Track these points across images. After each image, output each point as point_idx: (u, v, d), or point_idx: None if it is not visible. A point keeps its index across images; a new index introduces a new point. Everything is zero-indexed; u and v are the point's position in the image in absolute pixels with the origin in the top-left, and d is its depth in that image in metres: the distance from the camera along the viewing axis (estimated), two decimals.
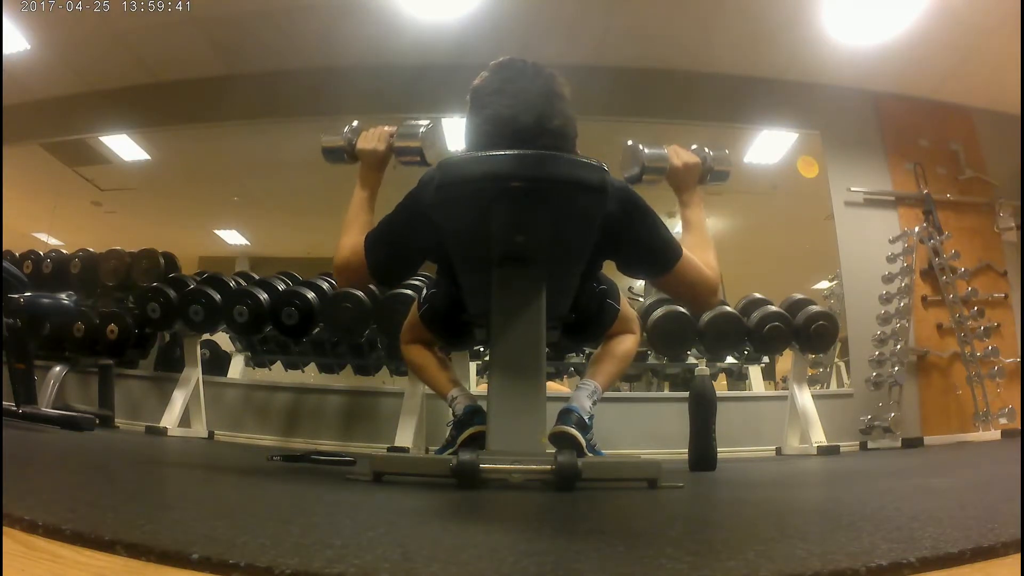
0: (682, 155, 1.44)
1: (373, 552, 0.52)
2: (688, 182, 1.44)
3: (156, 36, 3.71)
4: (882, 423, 3.11)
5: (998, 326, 3.55)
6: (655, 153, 1.44)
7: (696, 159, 1.45)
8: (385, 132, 1.48)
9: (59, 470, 1.15)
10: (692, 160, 1.44)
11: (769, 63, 3.88)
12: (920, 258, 3.57)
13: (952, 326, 3.46)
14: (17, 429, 1.96)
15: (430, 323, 1.66)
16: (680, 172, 1.43)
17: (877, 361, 3.34)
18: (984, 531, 0.62)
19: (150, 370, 3.35)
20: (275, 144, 4.46)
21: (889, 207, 3.87)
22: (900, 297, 3.43)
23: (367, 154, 1.47)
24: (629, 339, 1.68)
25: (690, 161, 1.44)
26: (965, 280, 3.55)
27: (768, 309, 2.86)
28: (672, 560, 0.51)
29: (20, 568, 0.47)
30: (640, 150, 1.45)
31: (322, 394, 3.29)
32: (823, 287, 4.07)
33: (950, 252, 3.52)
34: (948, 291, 3.47)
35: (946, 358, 3.55)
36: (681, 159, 1.43)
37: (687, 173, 1.44)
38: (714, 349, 2.96)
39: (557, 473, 1.08)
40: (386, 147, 1.46)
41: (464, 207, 1.23)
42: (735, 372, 3.64)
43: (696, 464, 1.83)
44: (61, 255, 3.43)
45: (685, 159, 1.44)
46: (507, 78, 1.25)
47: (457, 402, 1.58)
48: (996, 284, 3.76)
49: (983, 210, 3.90)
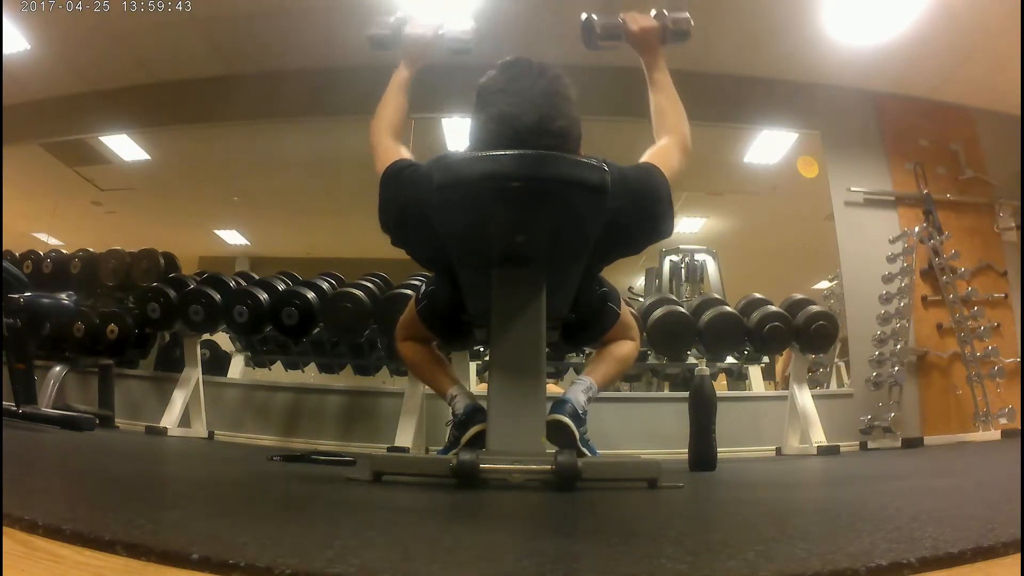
0: (639, 20, 1.51)
1: (373, 552, 0.52)
2: (650, 44, 1.51)
3: (156, 36, 3.71)
4: (882, 423, 3.11)
5: (998, 326, 3.56)
6: (608, 20, 1.53)
7: (654, 22, 1.51)
8: (434, 22, 1.56)
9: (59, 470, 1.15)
10: (649, 23, 1.51)
11: (769, 63, 3.88)
12: (920, 258, 3.57)
13: (952, 326, 3.46)
14: (17, 429, 1.96)
15: (429, 321, 1.65)
16: (638, 36, 1.50)
17: (877, 361, 3.34)
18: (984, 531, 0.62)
19: (150, 370, 3.35)
20: (275, 144, 4.46)
21: (889, 207, 3.87)
22: (900, 297, 3.43)
23: (415, 38, 1.54)
24: (628, 345, 1.69)
25: (647, 24, 1.50)
26: (965, 280, 3.55)
27: (768, 309, 2.86)
28: (672, 560, 0.51)
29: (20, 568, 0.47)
30: (594, 20, 1.54)
31: (322, 394, 3.29)
32: (823, 287, 4.07)
33: (950, 252, 3.52)
34: (948, 291, 3.47)
35: (946, 358, 3.56)
36: (638, 23, 1.50)
37: (646, 35, 1.50)
38: (714, 349, 2.96)
39: (557, 473, 1.08)
40: (433, 33, 1.54)
41: (464, 207, 1.23)
42: (735, 372, 3.64)
43: (696, 464, 1.82)
44: (61, 255, 3.43)
45: (642, 23, 1.50)
46: (512, 77, 1.26)
47: (457, 401, 1.57)
48: (996, 284, 3.76)
49: (983, 210, 3.90)
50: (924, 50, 3.60)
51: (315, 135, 4.32)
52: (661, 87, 1.49)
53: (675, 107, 1.46)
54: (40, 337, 2.63)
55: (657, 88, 1.49)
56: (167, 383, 2.97)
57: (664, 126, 1.44)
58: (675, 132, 1.42)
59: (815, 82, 3.97)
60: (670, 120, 1.44)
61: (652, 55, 1.51)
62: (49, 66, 3.94)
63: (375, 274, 3.08)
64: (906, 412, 3.28)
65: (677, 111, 1.46)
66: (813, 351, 2.95)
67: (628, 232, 1.31)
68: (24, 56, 3.77)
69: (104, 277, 3.31)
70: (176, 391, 2.80)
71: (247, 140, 4.47)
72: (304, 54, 3.93)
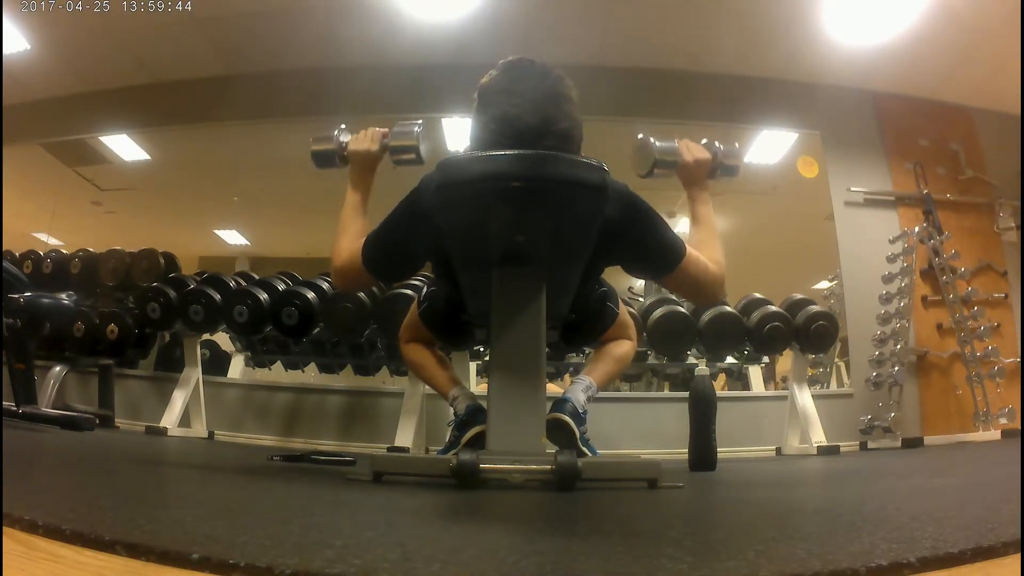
0: (693, 150, 1.44)
1: (373, 552, 0.52)
2: (698, 177, 1.45)
3: (156, 36, 3.71)
4: (882, 423, 3.11)
5: (998, 326, 3.55)
6: (666, 147, 1.45)
7: (707, 154, 1.45)
8: (378, 132, 1.48)
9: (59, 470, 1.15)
10: (703, 155, 1.44)
11: (769, 63, 3.88)
12: (920, 258, 3.57)
13: (952, 326, 3.46)
14: (17, 429, 1.96)
15: (430, 322, 1.66)
16: (691, 167, 1.44)
17: (877, 361, 3.34)
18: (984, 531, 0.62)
19: (150, 370, 3.35)
20: (275, 144, 4.45)
21: (889, 207, 3.87)
22: (900, 297, 3.43)
23: (359, 155, 1.47)
24: (626, 344, 1.69)
25: (701, 156, 1.44)
26: (965, 280, 3.55)
27: (768, 309, 2.86)
28: (672, 560, 0.51)
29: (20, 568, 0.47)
30: (652, 144, 1.45)
31: (322, 394, 3.29)
32: (823, 287, 4.06)
33: (950, 252, 3.52)
34: (948, 291, 3.47)
35: (946, 358, 3.55)
36: (692, 154, 1.44)
37: (697, 168, 1.44)
38: (714, 349, 2.96)
39: (557, 473, 1.08)
40: (379, 147, 1.46)
41: (464, 207, 1.23)
42: (735, 372, 3.64)
43: (696, 464, 1.83)
44: (61, 255, 3.43)
45: (696, 154, 1.44)
46: (515, 78, 1.25)
47: (458, 401, 1.58)
48: (996, 284, 3.76)
49: (983, 210, 3.90)
50: (924, 50, 3.60)
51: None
52: (703, 222, 1.42)
53: (715, 244, 1.38)
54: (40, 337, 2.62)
55: (699, 223, 1.42)
56: (167, 383, 2.97)
57: None
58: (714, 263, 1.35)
59: (815, 82, 3.97)
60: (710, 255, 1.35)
61: (699, 188, 1.45)
62: (49, 66, 3.94)
63: None
64: (906, 412, 3.28)
65: (717, 248, 1.37)
66: (813, 351, 2.95)
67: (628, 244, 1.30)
68: (24, 56, 3.78)
69: (104, 277, 3.31)
70: (176, 391, 2.80)
71: (247, 140, 4.47)
72: (304, 54, 3.93)
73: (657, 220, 1.28)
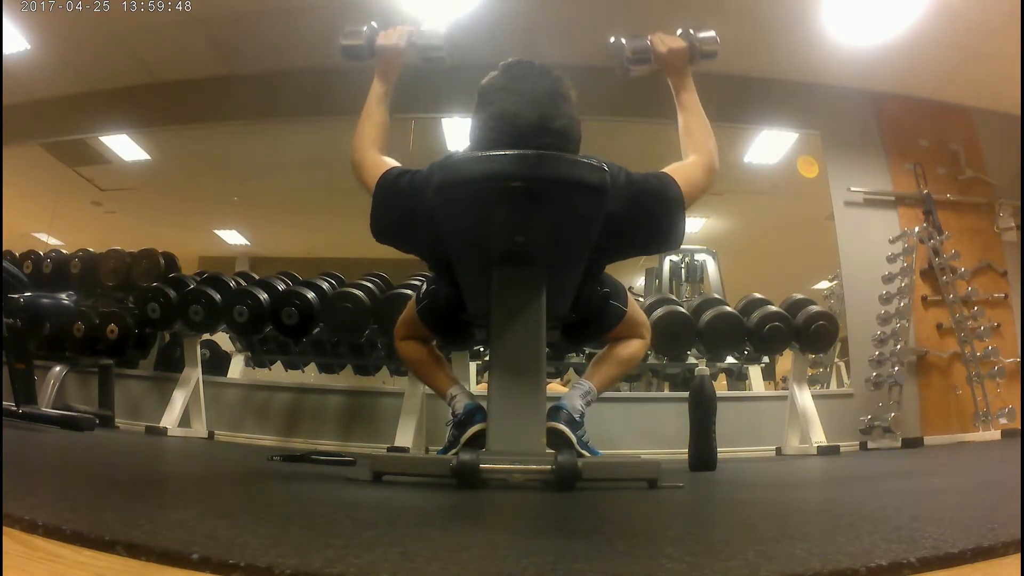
0: (667, 41, 1.49)
1: (373, 552, 0.52)
2: (677, 66, 1.50)
3: (156, 36, 3.71)
4: (882, 423, 3.11)
5: (998, 326, 3.55)
6: (638, 44, 1.50)
7: (682, 43, 1.49)
8: (406, 30, 1.53)
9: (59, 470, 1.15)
10: (678, 45, 1.49)
11: (769, 63, 3.87)
12: (920, 258, 3.57)
13: (952, 326, 3.46)
14: (17, 429, 1.96)
15: (428, 321, 1.65)
16: (667, 57, 1.49)
17: (877, 361, 3.34)
18: (984, 531, 0.62)
19: (150, 370, 3.35)
20: (275, 144, 4.46)
21: (889, 207, 3.87)
22: (900, 297, 3.43)
23: (387, 50, 1.52)
24: (636, 344, 1.66)
25: (675, 46, 1.49)
26: (965, 280, 3.55)
27: (768, 309, 2.86)
28: (672, 560, 0.51)
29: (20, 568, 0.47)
30: (622, 44, 1.50)
31: (322, 394, 3.29)
32: (823, 287, 4.06)
33: (950, 252, 3.52)
34: (948, 291, 3.47)
35: (946, 358, 3.55)
36: (666, 45, 1.49)
37: (674, 57, 1.49)
38: (714, 349, 2.96)
39: (557, 473, 1.08)
40: (407, 44, 1.51)
41: (464, 207, 1.23)
42: (735, 372, 3.64)
43: (696, 464, 1.83)
44: (61, 255, 3.43)
45: (670, 44, 1.49)
46: (514, 77, 1.27)
47: (457, 400, 1.57)
48: (996, 284, 3.76)
49: (983, 210, 3.90)
50: (924, 50, 3.60)
51: (315, 135, 4.31)
52: (689, 108, 1.48)
53: (703, 127, 1.45)
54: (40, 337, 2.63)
55: (685, 109, 1.48)
56: (167, 383, 2.97)
57: (692, 145, 1.44)
58: (702, 152, 1.42)
59: (815, 82, 3.97)
60: (698, 140, 1.43)
61: (680, 76, 1.50)
62: (49, 66, 3.94)
63: (375, 274, 3.09)
64: (906, 412, 3.28)
65: (705, 131, 1.44)
66: (813, 351, 2.95)
67: (629, 235, 1.30)
68: (24, 56, 3.77)
69: (104, 277, 3.30)
70: (176, 391, 2.80)
71: (247, 140, 4.47)
72: (304, 54, 3.92)
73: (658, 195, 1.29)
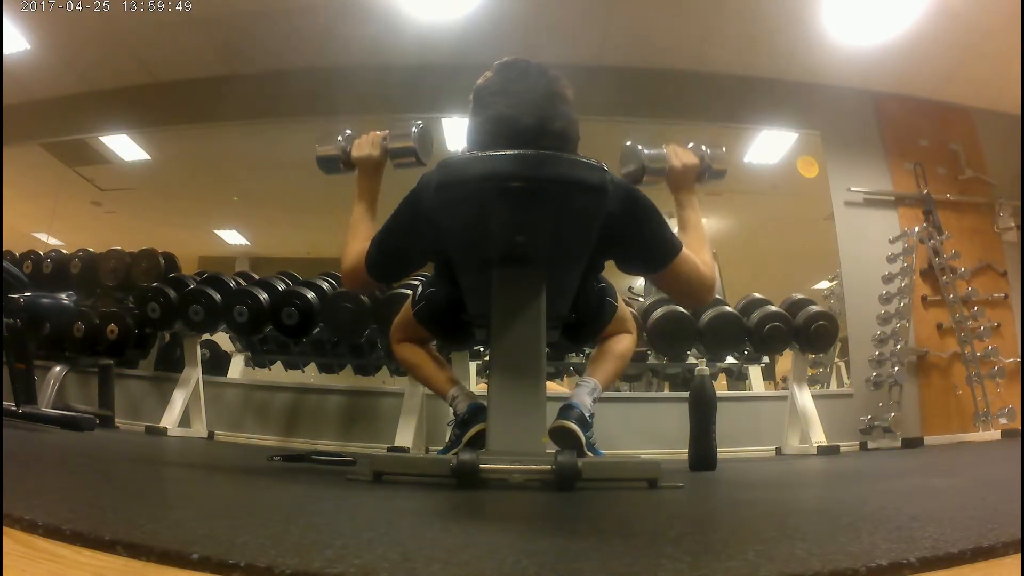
0: (681, 155, 1.44)
1: (373, 552, 0.52)
2: (686, 182, 1.45)
3: (156, 36, 3.71)
4: (882, 423, 3.11)
5: (998, 326, 3.55)
6: (654, 154, 1.44)
7: (695, 159, 1.44)
8: (378, 137, 1.48)
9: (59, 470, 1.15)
10: (691, 160, 1.44)
11: (769, 63, 3.87)
12: (920, 258, 3.57)
13: (952, 326, 3.46)
14: (17, 429, 1.96)
15: (427, 321, 1.64)
16: (679, 172, 1.43)
17: (877, 361, 3.34)
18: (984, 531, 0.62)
19: (150, 370, 3.35)
20: (275, 144, 4.45)
21: (889, 207, 3.87)
22: (900, 297, 3.43)
23: (363, 161, 1.48)
24: (627, 338, 1.67)
25: (689, 162, 1.44)
26: (965, 280, 3.55)
27: (768, 309, 2.86)
28: (672, 560, 0.51)
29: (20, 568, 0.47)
30: (640, 151, 1.44)
31: (322, 394, 3.29)
32: (823, 287, 4.06)
33: (950, 252, 3.52)
34: (948, 291, 3.47)
35: (946, 358, 3.55)
36: (680, 159, 1.43)
37: (685, 173, 1.44)
38: (714, 349, 2.96)
39: (557, 473, 1.08)
40: (381, 151, 1.47)
41: (464, 207, 1.23)
42: (735, 372, 3.64)
43: (696, 464, 1.83)
44: (61, 255, 3.43)
45: (684, 159, 1.43)
46: (510, 78, 1.26)
47: (458, 401, 1.57)
48: (996, 284, 3.76)
49: (983, 210, 3.90)
50: (924, 50, 3.60)
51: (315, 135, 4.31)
52: (691, 227, 1.42)
53: (703, 248, 1.37)
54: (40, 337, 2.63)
55: (688, 229, 1.42)
56: (167, 383, 2.97)
57: None
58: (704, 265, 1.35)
59: (815, 82, 3.97)
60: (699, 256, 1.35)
61: (687, 192, 1.45)
62: (49, 66, 3.94)
63: None
64: (906, 412, 3.28)
65: (706, 250, 1.37)
66: (813, 351, 2.95)
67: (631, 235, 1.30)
68: (24, 56, 3.77)
69: (104, 277, 3.30)
70: (176, 391, 2.80)
71: (247, 140, 4.46)
72: (304, 54, 3.93)
73: (656, 216, 1.28)
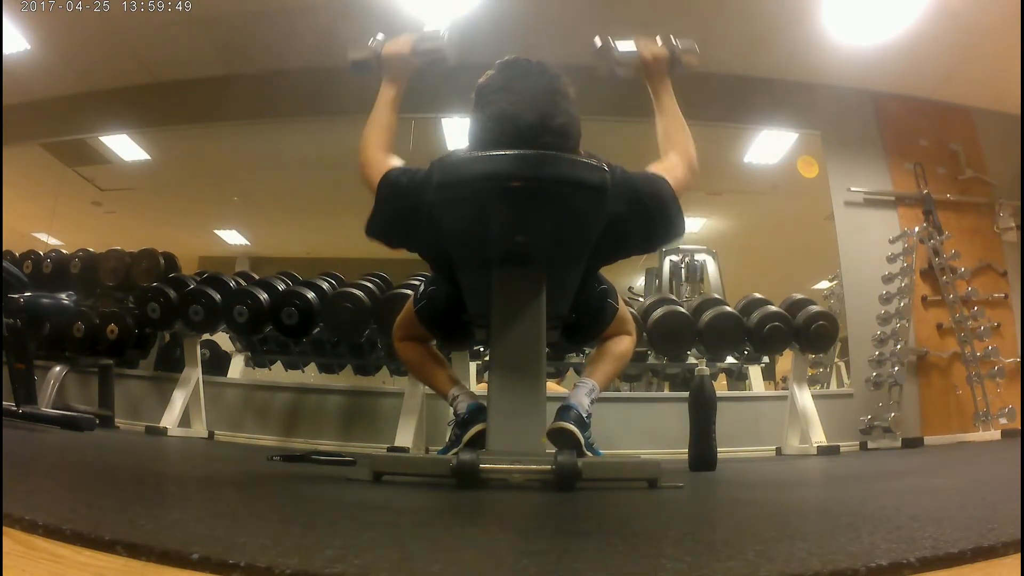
0: (651, 48, 1.53)
1: (373, 552, 0.52)
2: (658, 72, 1.53)
3: (156, 36, 3.71)
4: (882, 423, 3.11)
5: (998, 326, 3.55)
6: (626, 48, 1.54)
7: (664, 51, 1.52)
8: (409, 39, 1.55)
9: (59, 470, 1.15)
10: (661, 53, 1.52)
11: (769, 63, 3.87)
12: (920, 258, 3.57)
13: (952, 326, 3.46)
14: (17, 429, 1.96)
15: (428, 321, 1.64)
16: (650, 64, 1.52)
17: (877, 361, 3.34)
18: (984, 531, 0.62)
19: (150, 370, 3.35)
20: (275, 144, 4.46)
21: (889, 207, 3.87)
22: (900, 297, 3.43)
23: (394, 59, 1.54)
24: (626, 340, 1.68)
25: (659, 54, 1.52)
26: (965, 280, 3.55)
27: (768, 309, 2.86)
28: (672, 560, 0.51)
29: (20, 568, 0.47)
30: (612, 46, 1.54)
31: (322, 394, 3.29)
32: (823, 287, 4.06)
33: (950, 252, 3.52)
34: (948, 291, 3.47)
35: (946, 358, 3.55)
36: (650, 51, 1.52)
37: (656, 65, 1.52)
38: (714, 349, 2.96)
39: (557, 473, 1.08)
40: (411, 51, 1.53)
41: (464, 206, 1.23)
42: (735, 372, 3.64)
43: (696, 464, 1.83)
44: (61, 255, 3.43)
45: (654, 52, 1.52)
46: (512, 76, 1.26)
47: (459, 401, 1.57)
48: (996, 284, 3.75)
49: (983, 210, 3.90)
50: (924, 50, 3.60)
51: (315, 135, 4.32)
52: (669, 112, 1.51)
53: (682, 130, 1.48)
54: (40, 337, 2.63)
55: (665, 113, 1.52)
56: (167, 383, 2.97)
57: (672, 147, 1.46)
58: (683, 153, 1.44)
59: (815, 82, 3.97)
60: (678, 141, 1.46)
61: (660, 82, 1.53)
62: (49, 66, 3.94)
63: (375, 274, 3.09)
64: (906, 412, 3.28)
65: (684, 134, 1.48)
66: (813, 351, 2.95)
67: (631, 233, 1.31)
68: (24, 56, 3.77)
69: (104, 277, 3.31)
70: (176, 391, 2.80)
71: (247, 140, 4.47)
72: (304, 54, 3.92)
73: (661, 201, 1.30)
